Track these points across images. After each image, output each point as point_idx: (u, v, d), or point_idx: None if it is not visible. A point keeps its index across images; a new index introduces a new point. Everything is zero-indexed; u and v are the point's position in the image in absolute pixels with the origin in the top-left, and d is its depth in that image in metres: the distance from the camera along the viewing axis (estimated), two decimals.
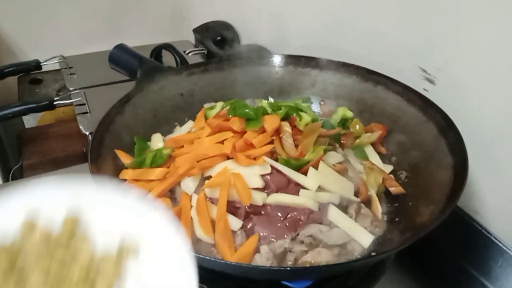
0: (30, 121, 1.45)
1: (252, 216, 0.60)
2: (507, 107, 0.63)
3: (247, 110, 0.69)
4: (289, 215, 0.60)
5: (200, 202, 0.61)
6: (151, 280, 0.35)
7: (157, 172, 0.65)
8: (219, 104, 0.78)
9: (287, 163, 0.64)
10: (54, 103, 1.03)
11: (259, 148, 0.65)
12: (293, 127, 0.70)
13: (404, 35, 0.79)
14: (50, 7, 1.49)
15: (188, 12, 1.68)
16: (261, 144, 0.65)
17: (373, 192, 0.66)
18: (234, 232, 0.59)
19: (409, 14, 0.77)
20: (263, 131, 0.67)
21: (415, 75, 0.76)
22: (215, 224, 0.58)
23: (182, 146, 0.70)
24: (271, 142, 0.66)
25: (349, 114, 0.78)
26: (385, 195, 0.68)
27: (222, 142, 0.67)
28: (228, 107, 0.73)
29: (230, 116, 0.70)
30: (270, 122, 0.68)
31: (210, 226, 0.58)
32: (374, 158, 0.72)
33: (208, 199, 0.62)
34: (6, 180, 1.28)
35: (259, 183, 0.62)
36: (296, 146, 0.67)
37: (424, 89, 0.74)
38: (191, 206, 0.62)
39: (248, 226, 0.59)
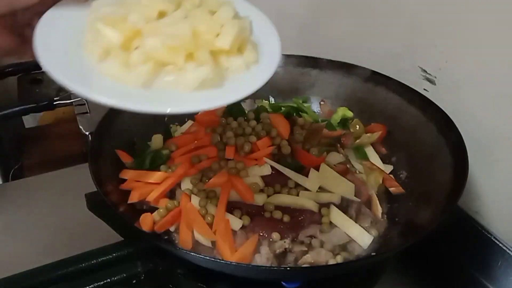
0: (30, 121, 1.44)
1: (252, 216, 0.60)
2: (507, 107, 0.63)
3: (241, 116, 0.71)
4: (289, 216, 0.60)
5: (190, 211, 0.60)
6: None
7: (156, 176, 0.65)
8: None
9: (289, 165, 0.64)
10: (54, 103, 1.02)
11: (261, 150, 0.65)
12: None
13: (404, 35, 0.79)
14: None
15: None
16: (265, 146, 0.65)
17: (373, 192, 0.66)
18: (234, 232, 0.59)
19: (409, 14, 0.77)
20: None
21: (415, 75, 0.76)
22: (215, 224, 0.58)
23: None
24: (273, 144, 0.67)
25: (349, 114, 0.78)
26: (385, 195, 0.68)
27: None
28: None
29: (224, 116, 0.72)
30: (283, 126, 0.68)
31: (208, 229, 0.58)
32: (374, 158, 0.72)
33: None
34: (6, 180, 1.28)
35: (259, 184, 0.62)
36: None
37: (424, 89, 0.74)
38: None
39: (248, 227, 0.59)
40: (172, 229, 0.61)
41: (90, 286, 0.59)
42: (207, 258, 0.50)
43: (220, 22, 0.44)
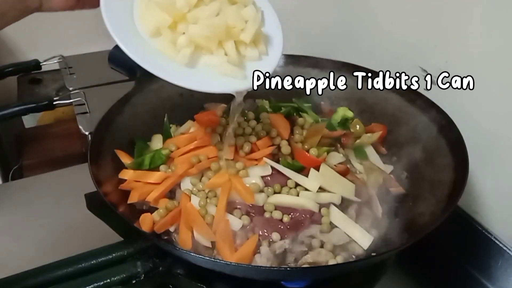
0: (29, 121, 1.45)
1: (252, 216, 0.60)
2: (507, 107, 0.63)
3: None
4: (289, 216, 0.60)
5: (189, 211, 0.60)
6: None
7: (156, 176, 0.65)
8: None
9: (289, 165, 0.64)
10: (54, 103, 1.02)
11: (261, 150, 0.65)
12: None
13: (405, 34, 0.79)
14: None
15: None
16: (265, 146, 0.65)
17: (373, 193, 0.66)
18: (234, 232, 0.58)
19: (410, 13, 0.77)
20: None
21: (416, 75, 0.76)
22: (215, 225, 0.58)
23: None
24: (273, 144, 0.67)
25: (349, 114, 0.78)
26: (386, 195, 0.68)
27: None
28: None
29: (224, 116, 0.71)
30: (283, 126, 0.68)
31: (208, 229, 0.58)
32: (375, 158, 0.72)
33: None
34: (6, 180, 1.28)
35: (259, 184, 0.62)
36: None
37: (424, 89, 0.74)
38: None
39: (248, 227, 0.59)
40: (172, 229, 0.61)
41: (90, 286, 0.59)
42: (207, 258, 0.50)
43: (245, 19, 0.54)
